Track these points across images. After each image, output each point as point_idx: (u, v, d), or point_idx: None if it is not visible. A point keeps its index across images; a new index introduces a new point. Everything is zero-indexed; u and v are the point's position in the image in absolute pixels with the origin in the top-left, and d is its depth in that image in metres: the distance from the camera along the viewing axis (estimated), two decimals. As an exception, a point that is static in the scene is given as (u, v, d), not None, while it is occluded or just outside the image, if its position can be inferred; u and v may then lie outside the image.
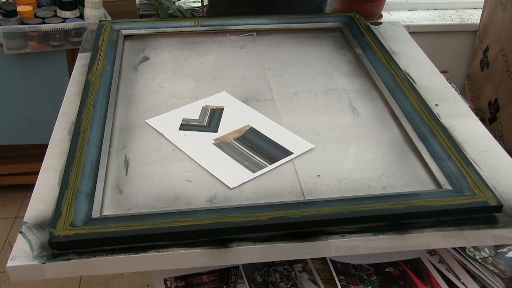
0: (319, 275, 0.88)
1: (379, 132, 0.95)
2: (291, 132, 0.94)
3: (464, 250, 0.93)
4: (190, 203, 0.78)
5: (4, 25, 1.69)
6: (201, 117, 0.98)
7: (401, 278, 0.88)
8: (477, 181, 0.79)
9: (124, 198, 0.79)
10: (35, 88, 1.89)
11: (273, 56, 1.20)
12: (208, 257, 0.71)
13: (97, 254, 0.69)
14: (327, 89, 1.08)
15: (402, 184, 0.83)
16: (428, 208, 0.75)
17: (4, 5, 1.71)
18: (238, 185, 0.81)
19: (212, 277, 0.88)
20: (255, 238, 0.72)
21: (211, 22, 1.29)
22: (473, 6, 2.48)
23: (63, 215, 0.72)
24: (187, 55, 1.20)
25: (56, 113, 0.96)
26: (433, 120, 0.93)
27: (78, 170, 0.80)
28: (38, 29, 1.72)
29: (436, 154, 0.86)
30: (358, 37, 1.24)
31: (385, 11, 2.36)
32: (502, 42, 2.11)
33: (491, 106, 2.21)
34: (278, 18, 1.32)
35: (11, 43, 1.73)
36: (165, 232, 0.70)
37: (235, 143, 0.91)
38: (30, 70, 1.84)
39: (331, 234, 0.73)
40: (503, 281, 0.89)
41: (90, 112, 0.93)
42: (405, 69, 1.13)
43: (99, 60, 1.09)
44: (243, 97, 1.05)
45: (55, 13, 1.80)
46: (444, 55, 2.41)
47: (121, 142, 0.91)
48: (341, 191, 0.81)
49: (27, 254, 0.69)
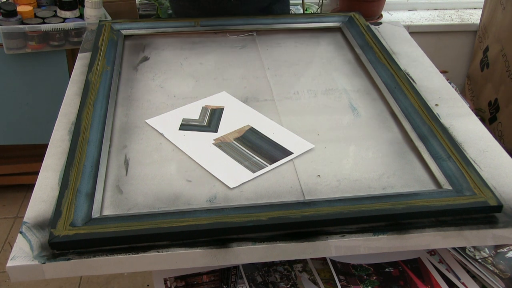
0: (319, 275, 0.88)
1: (379, 132, 0.95)
2: (291, 132, 0.94)
3: (464, 250, 0.93)
4: (190, 203, 0.78)
5: (4, 25, 1.69)
6: (201, 117, 0.98)
7: (401, 278, 0.88)
8: (477, 181, 0.79)
9: (124, 198, 0.79)
10: (35, 88, 1.89)
11: (273, 56, 1.20)
12: (208, 257, 0.71)
13: (97, 254, 0.69)
14: (327, 89, 1.08)
15: (402, 184, 0.83)
16: (428, 208, 0.75)
17: (4, 5, 1.71)
18: (238, 185, 0.81)
19: (212, 277, 0.88)
20: (255, 238, 0.72)
21: (211, 22, 1.29)
22: (473, 6, 2.48)
23: (63, 215, 0.72)
24: (187, 55, 1.20)
25: (56, 113, 0.96)
26: (433, 120, 0.93)
27: (78, 170, 0.80)
28: (38, 29, 1.72)
29: (436, 154, 0.86)
30: (358, 37, 1.24)
31: (385, 11, 2.36)
32: (502, 42, 2.11)
33: (491, 106, 2.21)
34: (278, 18, 1.32)
35: (11, 43, 1.73)
36: (165, 232, 0.70)
37: (235, 143, 0.91)
38: (30, 70, 1.84)
39: (331, 234, 0.73)
40: (503, 281, 0.89)
41: (90, 112, 0.93)
42: (405, 69, 1.13)
43: (99, 60, 1.09)
44: (243, 97, 1.05)
45: (55, 13, 1.80)
46: (444, 55, 2.41)
47: (121, 142, 0.91)
48: (341, 191, 0.81)
49: (27, 254, 0.69)
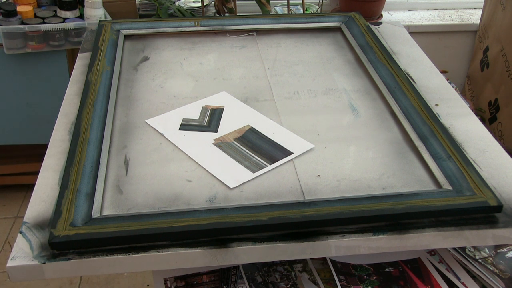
0: (319, 275, 0.88)
1: (379, 132, 0.95)
2: (291, 132, 0.94)
3: (464, 250, 0.93)
4: (190, 203, 0.78)
5: (4, 25, 1.69)
6: (201, 117, 0.98)
7: (401, 278, 0.88)
8: (477, 181, 0.79)
9: (124, 198, 0.79)
10: (35, 88, 1.89)
11: (273, 56, 1.20)
12: (208, 257, 0.71)
13: (97, 254, 0.69)
14: (327, 89, 1.08)
15: (402, 184, 0.83)
16: (428, 208, 0.75)
17: (4, 5, 1.71)
18: (238, 185, 0.81)
19: (212, 277, 0.88)
20: (255, 238, 0.72)
21: (211, 22, 1.29)
22: (473, 6, 2.48)
23: (63, 215, 0.72)
24: (187, 55, 1.20)
25: (56, 113, 0.96)
26: (433, 120, 0.93)
27: (78, 170, 0.80)
28: (38, 29, 1.72)
29: (436, 154, 0.86)
30: (358, 37, 1.24)
31: (385, 11, 2.36)
32: (502, 42, 2.11)
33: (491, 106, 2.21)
34: (278, 18, 1.32)
35: (11, 43, 1.73)
36: (165, 232, 0.70)
37: (235, 143, 0.91)
38: (30, 70, 1.84)
39: (331, 234, 0.73)
40: (503, 281, 0.89)
41: (90, 112, 0.93)
42: (405, 69, 1.13)
43: (99, 60, 1.09)
44: (243, 97, 1.05)
45: (55, 13, 1.80)
46: (444, 55, 2.41)
47: (121, 142, 0.91)
48: (341, 191, 0.81)
49: (27, 254, 0.69)
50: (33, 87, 1.89)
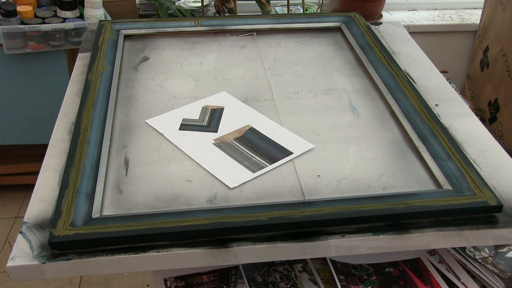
0: (319, 275, 0.88)
1: (379, 132, 0.95)
2: (291, 132, 0.94)
3: (464, 250, 0.93)
4: (190, 203, 0.78)
5: (4, 25, 1.69)
6: (201, 117, 0.98)
7: (401, 278, 0.88)
8: (477, 181, 0.79)
9: (124, 198, 0.79)
10: (35, 88, 1.89)
11: (273, 56, 1.20)
12: (208, 257, 0.71)
13: (97, 254, 0.69)
14: (327, 89, 1.08)
15: (402, 184, 0.83)
16: (428, 208, 0.75)
17: (4, 5, 1.71)
18: (238, 185, 0.81)
19: (212, 277, 0.88)
20: (255, 238, 0.72)
21: (211, 22, 1.29)
22: (473, 6, 2.48)
23: (63, 215, 0.72)
24: (187, 55, 1.20)
25: (56, 113, 0.96)
26: (433, 120, 0.93)
27: (78, 170, 0.80)
28: (38, 29, 1.72)
29: (436, 154, 0.86)
30: (358, 37, 1.24)
31: (385, 11, 2.36)
32: (502, 42, 2.11)
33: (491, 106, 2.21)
34: (278, 18, 1.32)
35: (11, 43, 1.73)
36: (165, 232, 0.70)
37: (235, 143, 0.91)
38: (30, 70, 1.84)
39: (331, 234, 0.73)
40: (503, 281, 0.89)
41: (90, 112, 0.93)
42: (405, 69, 1.13)
43: (99, 60, 1.09)
44: (243, 97, 1.05)
45: (55, 13, 1.80)
46: (444, 55, 2.41)
47: (121, 142, 0.91)
48: (341, 191, 0.81)
49: (27, 254, 0.69)
50: (33, 87, 1.89)
